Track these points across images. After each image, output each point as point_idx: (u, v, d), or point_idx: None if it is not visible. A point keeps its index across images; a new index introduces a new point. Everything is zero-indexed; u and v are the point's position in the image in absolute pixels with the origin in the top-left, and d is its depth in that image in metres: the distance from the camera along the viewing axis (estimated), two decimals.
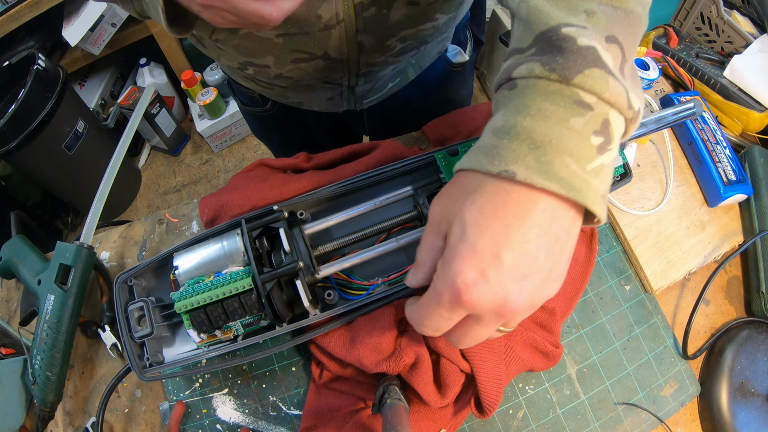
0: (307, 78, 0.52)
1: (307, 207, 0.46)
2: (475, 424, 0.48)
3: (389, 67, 0.55)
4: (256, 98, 0.65)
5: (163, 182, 1.82)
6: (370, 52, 0.49)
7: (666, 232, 0.56)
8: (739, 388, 0.51)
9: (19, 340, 0.52)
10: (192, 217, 0.57)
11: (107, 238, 0.57)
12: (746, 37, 0.67)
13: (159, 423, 0.48)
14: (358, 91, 0.58)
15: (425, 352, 0.43)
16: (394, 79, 0.60)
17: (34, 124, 1.28)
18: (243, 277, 0.38)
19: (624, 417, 0.49)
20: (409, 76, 0.61)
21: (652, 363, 0.51)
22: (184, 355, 0.42)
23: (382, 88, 0.60)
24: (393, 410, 0.37)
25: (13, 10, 1.24)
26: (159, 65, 1.78)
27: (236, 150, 1.86)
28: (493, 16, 1.63)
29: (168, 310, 0.43)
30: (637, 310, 0.53)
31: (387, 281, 0.42)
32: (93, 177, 0.85)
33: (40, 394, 0.46)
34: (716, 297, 0.57)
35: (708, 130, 0.60)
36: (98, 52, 1.52)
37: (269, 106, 0.65)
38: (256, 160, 0.55)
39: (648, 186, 0.58)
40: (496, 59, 1.71)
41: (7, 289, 0.57)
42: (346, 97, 0.58)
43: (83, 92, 1.71)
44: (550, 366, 0.47)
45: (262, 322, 0.41)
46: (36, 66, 1.27)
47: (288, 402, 0.48)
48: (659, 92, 0.68)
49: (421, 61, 0.60)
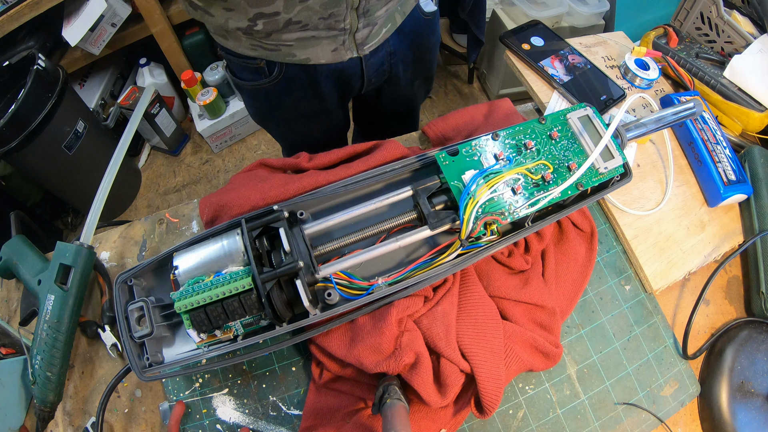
0: (315, 18, 0.56)
1: (307, 207, 0.46)
2: (475, 424, 0.48)
3: (383, 8, 0.60)
4: (261, 68, 0.68)
5: (163, 182, 1.82)
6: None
7: (666, 232, 0.56)
8: (739, 388, 0.51)
9: (19, 340, 0.52)
10: (192, 217, 0.57)
11: (107, 238, 0.57)
12: (746, 37, 0.67)
13: (159, 423, 0.48)
14: (358, 38, 0.62)
15: (425, 352, 0.43)
16: (386, 23, 0.65)
17: (34, 124, 1.27)
18: (243, 277, 0.38)
19: (624, 417, 0.49)
20: (396, 22, 0.67)
21: (652, 363, 0.51)
22: (183, 355, 0.42)
23: (378, 33, 0.65)
24: (393, 410, 0.37)
25: (13, 10, 1.24)
26: (159, 65, 1.78)
27: (236, 150, 1.86)
28: (493, 16, 1.63)
29: (168, 310, 0.43)
30: (637, 310, 0.53)
31: (387, 281, 0.42)
32: (93, 177, 0.85)
33: (40, 394, 0.46)
34: (716, 297, 0.57)
35: (708, 130, 0.60)
36: (98, 52, 1.52)
37: (276, 73, 0.68)
38: (256, 160, 0.56)
39: (648, 186, 0.58)
40: (496, 59, 1.71)
41: (7, 289, 0.57)
42: (349, 46, 0.63)
43: (83, 92, 1.70)
44: (550, 366, 0.47)
45: (261, 322, 0.41)
46: (36, 66, 1.27)
47: (288, 402, 0.48)
48: (659, 92, 0.68)
49: (404, 7, 0.66)
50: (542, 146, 0.44)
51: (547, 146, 0.44)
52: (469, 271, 0.48)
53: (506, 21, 1.57)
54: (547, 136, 0.45)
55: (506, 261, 0.49)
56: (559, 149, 0.44)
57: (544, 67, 0.65)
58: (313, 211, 0.47)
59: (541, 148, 0.44)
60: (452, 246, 0.42)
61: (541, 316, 0.48)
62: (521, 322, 0.47)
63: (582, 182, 0.43)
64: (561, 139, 0.45)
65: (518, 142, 0.44)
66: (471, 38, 1.54)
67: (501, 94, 1.74)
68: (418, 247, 0.46)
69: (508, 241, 0.44)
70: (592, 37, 0.72)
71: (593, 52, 0.70)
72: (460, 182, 0.42)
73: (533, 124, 0.45)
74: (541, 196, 0.42)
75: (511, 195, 0.42)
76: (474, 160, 0.43)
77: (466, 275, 0.48)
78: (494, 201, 0.41)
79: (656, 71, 0.65)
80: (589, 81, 0.64)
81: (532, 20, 0.72)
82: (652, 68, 0.66)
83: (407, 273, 0.42)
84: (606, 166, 0.43)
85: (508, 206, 0.41)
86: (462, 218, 0.40)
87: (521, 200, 0.42)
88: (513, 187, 0.42)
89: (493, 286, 0.48)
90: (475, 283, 0.47)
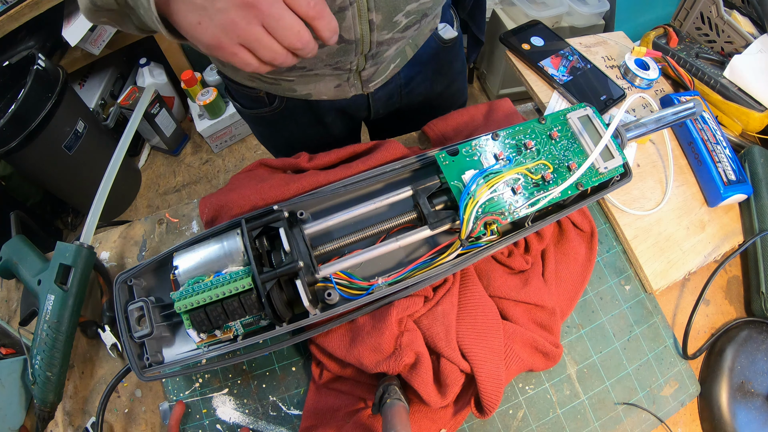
0: (320, 65, 0.53)
1: (307, 207, 0.46)
2: (475, 424, 0.48)
3: (393, 47, 0.56)
4: (261, 97, 0.65)
5: (163, 182, 1.82)
6: (380, 30, 0.50)
7: (666, 232, 0.56)
8: (739, 388, 0.51)
9: (19, 340, 0.52)
10: (192, 217, 0.57)
11: (107, 238, 0.57)
12: (746, 37, 0.67)
13: (159, 423, 0.48)
14: (364, 75, 0.59)
15: (425, 352, 0.43)
16: (395, 59, 0.61)
17: (34, 124, 1.28)
18: (243, 277, 0.38)
19: (624, 417, 0.49)
20: (407, 56, 0.63)
21: (652, 363, 0.51)
22: (183, 355, 0.42)
23: (386, 70, 0.61)
24: (393, 410, 0.37)
25: (13, 10, 1.24)
26: (159, 65, 1.78)
27: (236, 150, 1.86)
28: (493, 16, 1.63)
29: (168, 310, 0.43)
30: (637, 310, 0.53)
31: (387, 281, 0.42)
32: (93, 177, 0.85)
33: (40, 394, 0.46)
34: (716, 297, 0.57)
35: (708, 130, 0.60)
36: (98, 52, 1.52)
37: (277, 104, 0.65)
38: (256, 160, 0.55)
39: (648, 186, 0.58)
40: (496, 59, 1.71)
41: (7, 289, 0.57)
42: (353, 83, 0.60)
43: (83, 92, 1.70)
44: (550, 366, 0.47)
45: (261, 321, 0.41)
46: (36, 66, 1.27)
47: (288, 402, 0.48)
48: (659, 92, 0.68)
49: (417, 39, 0.63)
50: (542, 146, 0.44)
51: (547, 146, 0.44)
52: (469, 271, 0.48)
53: (506, 21, 1.57)
54: (547, 136, 0.45)
55: (506, 261, 0.49)
56: (559, 149, 0.44)
57: (544, 67, 0.65)
58: (313, 211, 0.47)
59: (541, 148, 0.44)
60: (452, 246, 0.42)
61: (541, 316, 0.48)
62: (521, 322, 0.47)
63: (582, 182, 0.43)
64: (561, 139, 0.45)
65: (518, 142, 0.44)
66: (471, 38, 1.54)
67: (501, 94, 1.74)
68: (418, 247, 0.46)
69: (508, 241, 0.44)
70: (592, 37, 0.72)
71: (593, 52, 0.70)
72: (460, 182, 0.42)
73: (533, 124, 0.45)
74: (541, 196, 0.42)
75: (511, 195, 0.42)
76: (474, 160, 0.43)
77: (466, 275, 0.48)
78: (494, 201, 0.41)
79: (656, 71, 0.65)
80: (589, 81, 0.64)
81: (532, 20, 0.72)
82: (652, 68, 0.66)
83: (407, 273, 0.42)
84: (606, 166, 0.43)
85: (508, 206, 0.41)
86: (462, 218, 0.40)
87: (521, 200, 0.42)
88: (513, 187, 0.42)
89: (493, 286, 0.48)
90: (475, 283, 0.47)
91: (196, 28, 0.34)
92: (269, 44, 0.35)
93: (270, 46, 0.35)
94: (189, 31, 0.35)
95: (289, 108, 0.66)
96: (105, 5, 0.39)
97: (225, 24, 0.33)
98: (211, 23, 0.33)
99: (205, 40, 0.34)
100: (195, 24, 0.34)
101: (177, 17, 0.35)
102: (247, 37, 0.34)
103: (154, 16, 0.34)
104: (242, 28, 0.33)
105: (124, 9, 0.39)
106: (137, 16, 0.39)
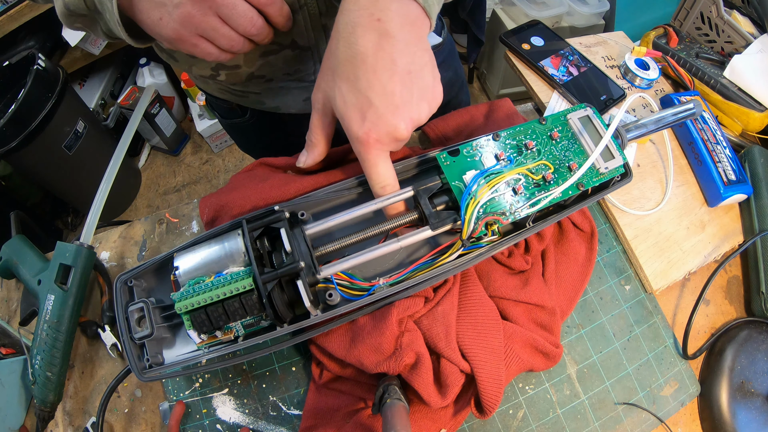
0: (279, 74, 0.52)
1: (308, 207, 0.46)
2: (475, 424, 0.48)
3: None
4: (234, 109, 0.65)
5: (163, 182, 1.82)
6: None
7: (666, 232, 0.56)
8: (739, 388, 0.51)
9: (19, 340, 0.52)
10: (192, 217, 0.57)
11: (107, 238, 0.57)
12: (746, 37, 0.67)
13: (159, 423, 0.48)
14: None
15: (425, 353, 0.43)
16: None
17: (34, 124, 1.28)
18: (244, 278, 0.38)
19: (624, 417, 0.49)
20: None
21: (652, 363, 0.51)
22: (184, 356, 0.42)
23: None
24: (393, 410, 0.37)
25: (13, 10, 1.24)
26: (159, 65, 1.78)
27: (236, 150, 1.86)
28: (493, 16, 1.63)
29: (168, 310, 0.43)
30: (637, 310, 0.53)
31: (388, 282, 0.42)
32: (93, 177, 0.85)
33: (40, 394, 0.46)
34: (716, 297, 0.57)
35: (708, 130, 0.60)
36: (98, 52, 1.52)
37: (248, 116, 0.65)
38: (257, 160, 0.55)
39: (648, 186, 0.58)
40: (496, 59, 1.71)
41: (7, 289, 0.57)
42: None
43: (83, 92, 1.70)
44: (550, 366, 0.47)
45: (262, 322, 0.41)
46: (36, 66, 1.27)
47: (288, 402, 0.48)
48: (659, 92, 0.68)
49: None
50: (543, 146, 0.44)
51: (548, 146, 0.44)
52: (469, 272, 0.48)
53: (506, 21, 1.57)
54: (548, 136, 0.45)
55: (506, 261, 0.49)
56: (559, 149, 0.44)
57: (544, 67, 0.65)
58: (314, 212, 0.47)
59: (541, 149, 0.44)
60: (453, 246, 0.42)
61: (541, 316, 0.48)
62: (521, 322, 0.47)
63: (583, 182, 0.43)
64: (561, 139, 0.45)
65: (519, 142, 0.44)
66: (471, 38, 1.54)
67: (501, 94, 1.74)
68: (419, 247, 0.46)
69: (509, 241, 0.44)
70: (592, 37, 0.72)
71: (593, 52, 0.70)
72: (461, 182, 0.42)
73: (534, 124, 0.45)
74: (542, 196, 0.42)
75: (512, 195, 0.42)
76: (475, 161, 0.43)
77: (466, 275, 0.48)
78: (495, 201, 0.41)
79: (656, 71, 0.65)
80: (589, 81, 0.64)
81: (532, 20, 0.72)
82: (652, 68, 0.66)
83: (408, 273, 0.42)
84: (606, 166, 0.43)
85: (509, 206, 0.41)
86: (463, 218, 0.40)
87: (522, 200, 0.42)
88: (514, 187, 0.42)
89: (494, 286, 0.48)
90: (475, 284, 0.47)
91: (158, 24, 0.36)
92: (226, 32, 0.37)
93: (226, 34, 0.37)
94: (152, 27, 0.37)
95: (262, 119, 0.65)
96: (77, 10, 0.40)
97: (183, 17, 0.35)
98: (171, 18, 0.35)
99: (166, 35, 0.36)
100: (156, 20, 0.36)
101: (141, 16, 0.36)
102: (204, 27, 0.36)
103: (116, 19, 0.36)
104: (199, 20, 0.35)
105: (94, 14, 0.40)
106: (104, 21, 0.40)
